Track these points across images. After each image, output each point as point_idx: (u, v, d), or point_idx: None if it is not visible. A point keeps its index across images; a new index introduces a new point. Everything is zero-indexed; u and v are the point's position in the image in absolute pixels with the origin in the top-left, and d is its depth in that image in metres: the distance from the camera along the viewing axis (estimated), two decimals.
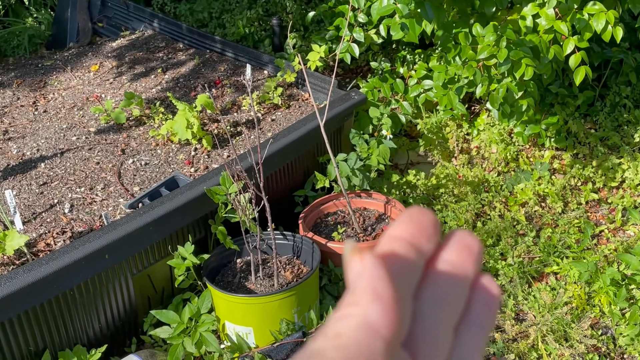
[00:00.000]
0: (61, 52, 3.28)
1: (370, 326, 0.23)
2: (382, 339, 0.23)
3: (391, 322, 0.24)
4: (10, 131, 2.56)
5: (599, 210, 2.47)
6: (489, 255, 2.22)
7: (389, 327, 0.23)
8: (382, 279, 0.24)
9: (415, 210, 0.28)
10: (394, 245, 0.27)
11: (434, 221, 0.28)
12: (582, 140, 2.62)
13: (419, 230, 0.27)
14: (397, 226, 0.27)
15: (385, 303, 0.24)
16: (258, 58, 2.99)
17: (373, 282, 0.24)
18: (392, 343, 0.24)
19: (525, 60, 1.91)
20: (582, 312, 2.01)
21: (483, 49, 1.96)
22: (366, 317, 0.23)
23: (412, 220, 0.27)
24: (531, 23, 2.00)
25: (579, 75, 1.95)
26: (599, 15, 1.89)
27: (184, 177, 2.20)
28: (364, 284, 0.24)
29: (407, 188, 2.53)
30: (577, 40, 1.93)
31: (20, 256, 1.91)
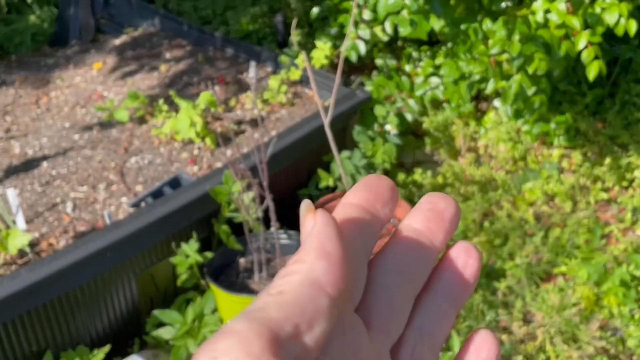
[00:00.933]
0: (64, 49, 3.26)
1: (315, 282, 0.22)
2: (327, 296, 0.22)
3: (337, 280, 0.23)
4: (12, 129, 2.54)
5: (608, 209, 2.44)
6: (496, 255, 2.20)
7: (335, 285, 0.22)
8: (330, 237, 0.23)
9: (371, 177, 0.27)
10: (348, 211, 0.26)
11: (390, 186, 0.27)
12: (591, 139, 2.58)
13: (375, 196, 0.27)
14: (352, 193, 0.27)
15: (331, 261, 0.23)
16: (262, 55, 2.96)
17: (321, 240, 0.23)
18: (338, 301, 0.23)
19: (538, 55, 1.88)
20: (591, 313, 1.98)
21: (495, 43, 1.93)
22: (311, 273, 0.22)
23: (367, 187, 0.27)
24: (542, 18, 1.97)
25: (592, 70, 1.91)
26: (611, 8, 1.86)
27: (187, 176, 2.17)
28: (313, 242, 0.23)
29: (414, 187, 2.50)
30: (590, 34, 1.89)
31: (22, 255, 1.89)
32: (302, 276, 0.22)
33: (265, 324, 0.21)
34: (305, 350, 0.21)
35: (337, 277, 0.23)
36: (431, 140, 2.71)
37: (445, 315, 0.28)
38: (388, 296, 0.26)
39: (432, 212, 0.28)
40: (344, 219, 0.26)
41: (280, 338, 0.21)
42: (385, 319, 0.26)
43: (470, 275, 0.28)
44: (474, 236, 2.27)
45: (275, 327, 0.21)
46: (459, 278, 0.28)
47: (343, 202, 0.27)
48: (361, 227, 0.26)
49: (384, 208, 0.27)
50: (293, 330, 0.21)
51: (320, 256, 0.23)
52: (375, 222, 0.26)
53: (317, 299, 0.22)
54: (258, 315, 0.21)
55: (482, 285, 2.08)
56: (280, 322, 0.21)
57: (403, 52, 2.97)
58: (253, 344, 0.20)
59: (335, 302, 0.22)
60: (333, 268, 0.23)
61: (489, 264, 2.20)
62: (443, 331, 0.28)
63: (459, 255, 0.28)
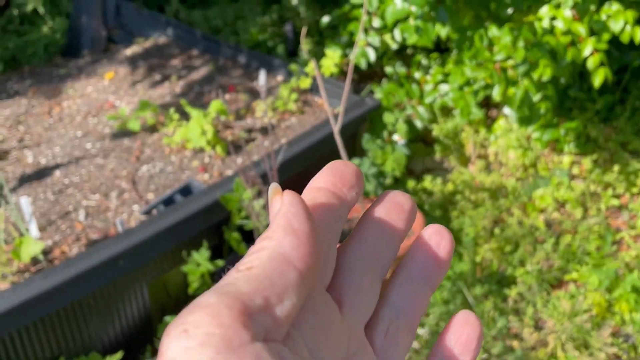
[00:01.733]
0: (76, 59, 3.29)
1: (283, 257, 0.23)
2: (296, 270, 0.23)
3: (305, 255, 0.23)
4: (26, 139, 2.57)
5: (619, 216, 2.43)
6: (507, 262, 2.19)
7: (303, 260, 0.23)
8: (297, 214, 0.24)
9: (336, 162, 0.28)
10: (314, 194, 0.27)
11: (355, 171, 0.28)
12: (601, 146, 2.58)
13: (340, 180, 0.28)
14: (318, 177, 0.28)
15: (299, 237, 0.23)
16: (272, 64, 2.98)
17: (289, 217, 0.24)
18: (307, 276, 0.23)
19: (543, 61, 1.88)
20: (603, 319, 1.97)
21: (500, 49, 1.93)
22: (279, 248, 0.23)
23: (332, 171, 0.28)
24: (548, 25, 1.97)
25: (598, 77, 1.91)
26: (617, 15, 1.86)
27: (198, 184, 2.19)
28: (280, 220, 0.24)
29: (424, 194, 2.50)
30: (595, 41, 1.89)
31: (35, 263, 1.91)
32: (270, 251, 0.23)
33: (235, 296, 0.21)
34: (276, 323, 0.22)
35: (304, 252, 0.23)
36: (441, 148, 2.71)
37: (419, 295, 0.29)
38: (357, 277, 0.27)
39: (391, 203, 0.29)
40: (310, 201, 0.27)
41: (251, 310, 0.21)
42: (355, 298, 0.27)
43: (443, 255, 0.29)
44: (485, 243, 2.27)
45: (246, 300, 0.21)
46: (433, 259, 0.29)
47: (310, 186, 0.28)
48: (328, 208, 0.27)
49: (350, 191, 0.28)
50: (263, 302, 0.22)
51: (287, 233, 0.23)
52: (342, 204, 0.27)
53: (286, 273, 0.22)
54: (228, 289, 0.21)
55: (493, 292, 2.07)
56: (250, 294, 0.21)
57: (413, 59, 2.98)
58: (223, 316, 0.20)
59: (304, 277, 0.23)
60: (301, 244, 0.23)
61: (500, 270, 2.19)
62: (418, 310, 0.29)
63: (431, 237, 0.29)
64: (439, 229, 0.30)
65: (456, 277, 2.02)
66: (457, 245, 2.27)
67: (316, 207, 0.27)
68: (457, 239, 2.31)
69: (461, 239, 2.27)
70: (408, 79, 2.75)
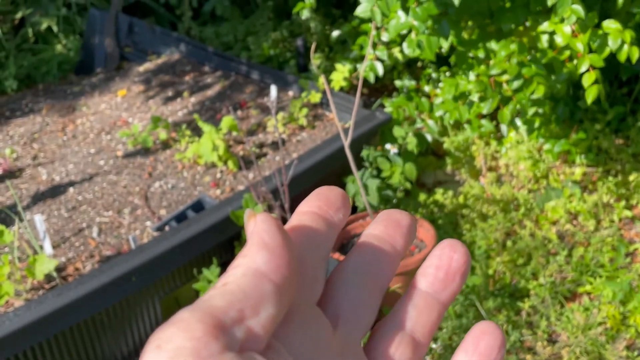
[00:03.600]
0: (89, 77, 3.33)
1: (257, 272, 0.23)
2: (271, 282, 0.23)
3: (279, 267, 0.24)
4: (40, 157, 2.60)
5: (633, 227, 2.41)
6: (519, 275, 2.18)
7: (277, 272, 0.24)
8: (268, 230, 0.24)
9: (322, 188, 0.29)
10: (301, 218, 0.28)
11: (341, 194, 0.29)
12: (613, 157, 2.57)
13: (326, 203, 0.28)
14: (305, 203, 0.29)
15: (271, 250, 0.24)
16: (283, 79, 3.00)
17: (260, 234, 0.24)
18: (283, 287, 0.24)
19: (537, 79, 1.89)
20: (617, 332, 1.95)
21: (495, 64, 1.94)
22: (252, 264, 0.24)
23: (319, 196, 0.29)
24: (547, 41, 1.98)
25: (591, 94, 1.91)
26: (615, 34, 1.86)
27: (210, 199, 2.20)
28: (253, 238, 0.24)
29: (435, 207, 2.50)
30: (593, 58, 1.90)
31: (49, 280, 1.93)
32: (244, 268, 0.24)
33: (208, 311, 0.22)
34: (252, 334, 0.22)
35: (278, 264, 0.24)
36: (452, 160, 2.71)
37: (430, 310, 0.29)
38: (354, 292, 0.28)
39: (389, 220, 0.30)
40: (298, 224, 0.28)
41: (224, 323, 0.22)
42: (351, 312, 0.28)
43: (455, 270, 0.29)
44: (497, 256, 2.26)
45: (218, 314, 0.22)
46: (444, 273, 0.29)
47: (297, 211, 0.29)
48: (314, 230, 0.27)
49: (337, 213, 0.28)
50: (237, 315, 0.22)
51: (260, 248, 0.24)
52: (328, 225, 0.28)
53: (260, 286, 0.23)
54: (202, 305, 0.22)
55: (506, 305, 2.06)
56: (223, 308, 0.22)
57: (422, 72, 2.99)
58: (195, 330, 0.21)
59: (280, 288, 0.23)
60: (273, 257, 0.24)
61: (513, 283, 2.18)
62: (429, 326, 0.29)
63: (444, 251, 0.30)
64: (452, 243, 0.30)
65: (469, 291, 2.01)
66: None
67: (303, 228, 0.27)
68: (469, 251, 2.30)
69: (473, 251, 2.27)
70: (418, 93, 2.75)
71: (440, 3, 1.91)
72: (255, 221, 0.25)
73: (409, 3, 1.95)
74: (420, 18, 1.90)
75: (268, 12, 3.88)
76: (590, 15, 1.91)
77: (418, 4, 1.93)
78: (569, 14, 1.85)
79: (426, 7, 1.89)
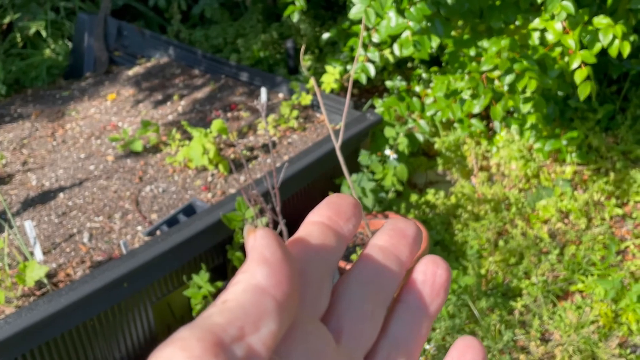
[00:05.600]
0: (78, 82, 3.32)
1: (257, 287, 0.23)
2: (271, 298, 0.23)
3: (280, 282, 0.23)
4: (29, 162, 2.58)
5: (623, 225, 2.42)
6: (512, 274, 2.19)
7: (278, 287, 0.23)
8: (268, 245, 0.24)
9: (334, 196, 0.29)
10: (309, 228, 0.27)
11: (352, 203, 0.29)
12: (604, 155, 2.58)
13: (336, 213, 0.28)
14: (315, 212, 0.28)
15: (272, 266, 0.24)
16: (273, 81, 2.99)
17: (260, 249, 0.24)
18: (285, 303, 0.23)
19: (529, 73, 1.89)
20: (610, 330, 1.96)
21: (486, 60, 1.95)
22: (252, 280, 0.23)
23: (329, 205, 0.28)
24: (539, 37, 1.99)
25: (583, 91, 1.92)
26: (606, 29, 1.87)
27: (201, 203, 2.19)
28: (253, 254, 0.24)
29: (426, 207, 2.50)
30: (585, 55, 1.91)
31: (40, 287, 1.92)
32: (244, 284, 0.23)
33: (207, 329, 0.22)
34: (252, 352, 0.22)
35: (279, 279, 0.23)
36: (443, 161, 2.71)
37: (418, 325, 0.29)
38: (357, 305, 0.27)
39: (394, 230, 0.30)
40: (306, 235, 0.27)
41: (223, 341, 0.21)
42: (355, 327, 0.27)
43: (439, 284, 0.30)
44: (489, 255, 2.27)
45: (218, 331, 0.22)
46: (429, 288, 0.29)
47: (306, 221, 0.28)
48: (322, 242, 0.27)
49: (347, 224, 0.28)
50: (237, 332, 0.22)
51: (260, 263, 0.24)
52: (337, 238, 0.28)
53: (261, 302, 0.23)
54: (201, 323, 0.22)
55: (499, 304, 2.07)
56: (223, 326, 0.22)
57: (413, 73, 2.99)
58: (194, 348, 0.21)
59: (281, 304, 0.23)
60: (274, 272, 0.23)
61: (505, 283, 2.19)
62: (417, 340, 0.29)
63: (428, 267, 0.30)
64: (434, 259, 0.30)
65: (461, 291, 2.01)
66: (461, 258, 2.26)
67: (310, 241, 0.27)
68: (461, 252, 2.30)
69: (465, 252, 2.27)
70: (409, 93, 2.75)
71: (433, 3, 1.92)
72: (255, 236, 0.24)
73: (403, 5, 1.95)
74: (415, 19, 1.90)
75: (257, 15, 3.87)
76: (580, 12, 1.92)
77: (412, 4, 1.93)
78: (559, 10, 1.86)
79: (420, 7, 1.90)
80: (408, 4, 1.90)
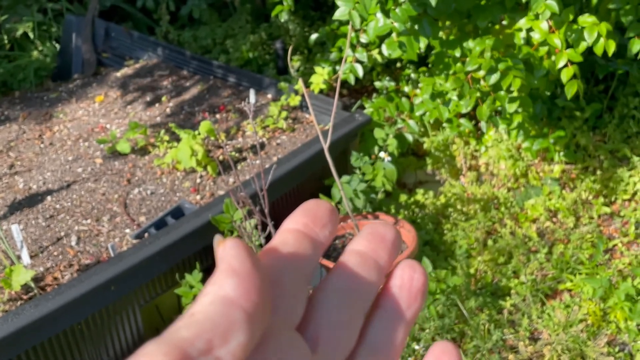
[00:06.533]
0: (66, 83, 3.30)
1: (225, 299, 0.23)
2: (240, 309, 0.23)
3: (249, 293, 0.23)
4: (16, 165, 2.57)
5: (611, 223, 2.43)
6: (501, 273, 2.19)
7: (247, 297, 0.23)
8: (237, 256, 0.24)
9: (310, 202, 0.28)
10: (284, 236, 0.27)
11: (328, 209, 0.28)
12: (591, 154, 2.59)
13: (312, 220, 0.28)
14: (291, 219, 0.28)
15: (240, 276, 0.23)
16: (262, 82, 2.99)
17: (229, 260, 0.24)
18: (255, 313, 0.23)
19: (513, 72, 1.90)
20: (598, 329, 1.97)
21: (471, 60, 1.95)
22: (220, 291, 0.23)
23: (305, 212, 0.28)
24: (525, 36, 2.00)
25: (570, 89, 1.93)
26: (591, 28, 1.88)
27: (189, 205, 2.19)
28: (222, 265, 0.24)
29: (416, 207, 2.51)
30: (571, 53, 1.91)
31: (27, 291, 1.91)
32: (212, 296, 0.23)
33: (174, 343, 0.21)
34: None
35: (248, 290, 0.23)
36: (432, 160, 2.72)
37: (396, 330, 0.29)
38: (335, 312, 0.27)
39: (373, 235, 0.29)
40: (280, 244, 0.27)
41: (190, 354, 0.21)
42: (332, 335, 0.27)
43: (417, 289, 0.29)
44: (478, 255, 2.27)
45: (185, 346, 0.21)
46: (406, 293, 0.29)
47: (281, 228, 0.28)
48: (297, 250, 0.27)
49: (323, 230, 0.28)
50: (205, 345, 0.21)
51: (228, 275, 0.23)
52: (313, 245, 0.27)
53: (229, 313, 0.22)
54: (168, 337, 0.22)
55: (488, 304, 2.07)
56: (190, 340, 0.21)
57: (402, 73, 3.00)
58: None
59: (251, 314, 0.23)
60: (243, 283, 0.23)
61: (494, 282, 2.19)
62: (396, 346, 0.29)
63: (404, 271, 0.29)
64: (411, 264, 0.30)
65: (450, 291, 2.02)
66: (450, 258, 2.26)
67: (285, 249, 0.27)
68: (450, 251, 2.31)
69: (454, 251, 2.27)
70: (397, 93, 2.76)
71: (419, 4, 1.92)
72: (224, 247, 0.24)
73: (389, 5, 1.95)
74: (400, 19, 1.90)
75: (246, 15, 3.86)
76: (565, 11, 1.92)
77: (397, 5, 1.93)
78: (543, 9, 1.86)
79: (405, 8, 1.90)
80: (393, 5, 1.90)
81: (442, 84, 2.10)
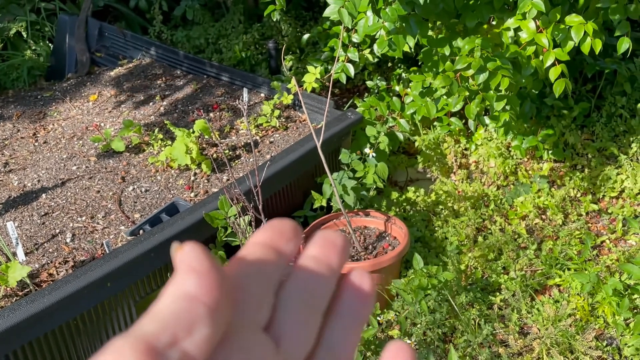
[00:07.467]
0: (60, 83, 3.31)
1: (187, 295, 0.24)
2: (202, 304, 0.24)
3: (210, 289, 0.24)
4: (11, 163, 2.58)
5: (599, 220, 2.47)
6: (491, 269, 2.22)
7: (208, 293, 0.24)
8: (195, 257, 0.25)
9: (275, 220, 0.30)
10: (252, 248, 0.29)
11: (292, 226, 0.30)
12: (579, 152, 2.63)
13: (278, 235, 0.29)
14: (258, 234, 0.30)
15: (200, 273, 0.24)
16: (255, 81, 3.01)
17: (188, 261, 0.25)
18: (217, 308, 0.24)
19: (502, 71, 1.93)
20: (586, 323, 2.00)
21: (460, 59, 1.98)
22: (182, 288, 0.24)
23: (271, 228, 0.30)
24: (513, 35, 2.03)
25: (558, 87, 1.97)
26: (578, 27, 1.91)
27: (184, 203, 2.21)
28: (181, 266, 0.25)
29: (407, 205, 2.54)
30: (558, 53, 1.95)
31: (23, 287, 1.92)
32: (174, 294, 0.24)
33: (139, 338, 0.23)
34: (187, 356, 0.23)
35: (208, 286, 0.25)
36: (423, 159, 2.75)
37: (350, 330, 0.31)
38: (294, 312, 0.29)
39: (324, 240, 0.31)
40: (248, 254, 0.29)
41: (156, 348, 0.23)
42: (293, 332, 0.28)
43: (366, 293, 0.32)
44: (468, 251, 2.30)
45: (151, 339, 0.23)
46: (357, 296, 0.32)
47: (249, 242, 0.30)
48: (263, 259, 0.29)
49: (288, 244, 0.30)
50: (170, 339, 0.23)
51: (188, 273, 0.25)
52: (279, 255, 0.29)
53: (192, 308, 0.24)
54: (134, 333, 0.23)
55: (478, 299, 2.10)
56: (155, 334, 0.23)
57: (393, 73, 3.03)
58: (128, 357, 0.22)
59: (213, 309, 0.24)
60: (203, 280, 0.25)
61: (484, 278, 2.22)
62: (351, 344, 0.31)
63: (354, 277, 0.32)
64: (359, 271, 0.32)
65: (441, 286, 2.05)
66: (441, 254, 2.30)
67: (251, 258, 0.28)
68: (441, 248, 2.34)
69: (445, 248, 2.30)
70: (389, 92, 2.79)
71: (407, 3, 1.95)
72: (183, 251, 0.26)
73: (379, 5, 1.98)
74: (390, 19, 1.93)
75: (239, 15, 3.89)
76: (553, 11, 1.96)
77: (387, 4, 1.96)
78: (530, 7, 1.90)
79: (395, 7, 1.93)
80: (384, 4, 1.93)
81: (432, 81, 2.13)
